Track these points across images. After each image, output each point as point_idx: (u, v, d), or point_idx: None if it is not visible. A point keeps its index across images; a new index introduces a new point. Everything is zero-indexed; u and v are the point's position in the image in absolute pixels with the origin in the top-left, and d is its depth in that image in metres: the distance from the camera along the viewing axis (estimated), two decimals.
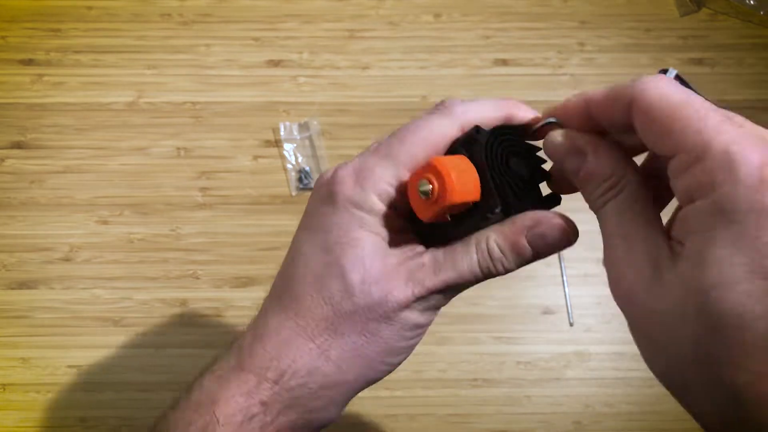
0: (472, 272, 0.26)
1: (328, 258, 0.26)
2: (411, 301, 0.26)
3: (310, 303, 0.27)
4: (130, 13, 0.69)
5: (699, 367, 0.19)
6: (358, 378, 0.27)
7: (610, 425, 0.56)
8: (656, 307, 0.20)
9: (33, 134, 0.64)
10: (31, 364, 0.57)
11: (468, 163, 0.24)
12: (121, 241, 0.61)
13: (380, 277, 0.26)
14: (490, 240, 0.25)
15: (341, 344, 0.26)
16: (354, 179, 0.26)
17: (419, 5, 0.70)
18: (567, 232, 0.25)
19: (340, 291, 0.26)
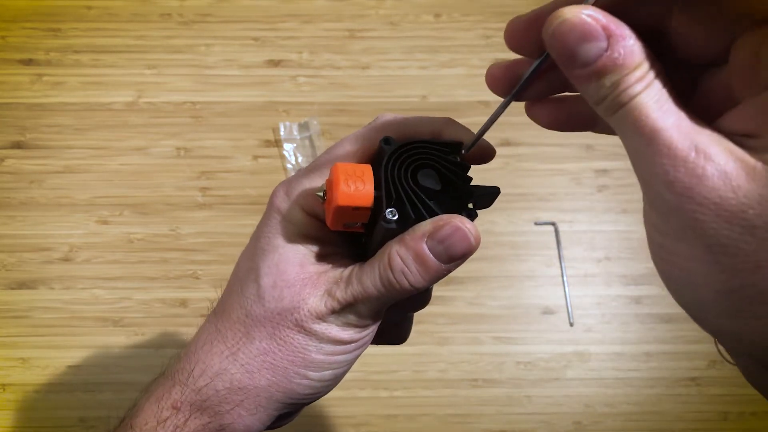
0: (374, 286, 0.25)
1: (250, 264, 0.27)
2: (324, 313, 0.26)
3: (229, 307, 0.27)
4: (130, 13, 0.69)
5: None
6: (271, 386, 0.26)
7: (610, 425, 0.56)
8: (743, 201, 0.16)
9: (33, 134, 0.64)
10: (31, 364, 0.57)
11: (368, 171, 0.24)
12: (120, 241, 0.61)
13: (294, 283, 0.26)
14: (392, 251, 0.24)
15: (251, 348, 0.26)
16: (284, 190, 0.27)
17: (419, 5, 0.70)
18: (466, 234, 0.23)
19: (253, 294, 0.26)
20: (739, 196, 0.16)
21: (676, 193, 0.17)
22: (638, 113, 0.18)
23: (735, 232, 0.17)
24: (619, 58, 0.18)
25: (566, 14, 0.18)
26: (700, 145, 0.17)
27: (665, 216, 0.18)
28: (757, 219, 0.16)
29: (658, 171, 0.17)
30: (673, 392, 0.57)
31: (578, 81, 0.19)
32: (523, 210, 0.62)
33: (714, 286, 0.17)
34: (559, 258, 0.61)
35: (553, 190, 0.63)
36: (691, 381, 0.57)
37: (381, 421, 0.56)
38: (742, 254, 0.17)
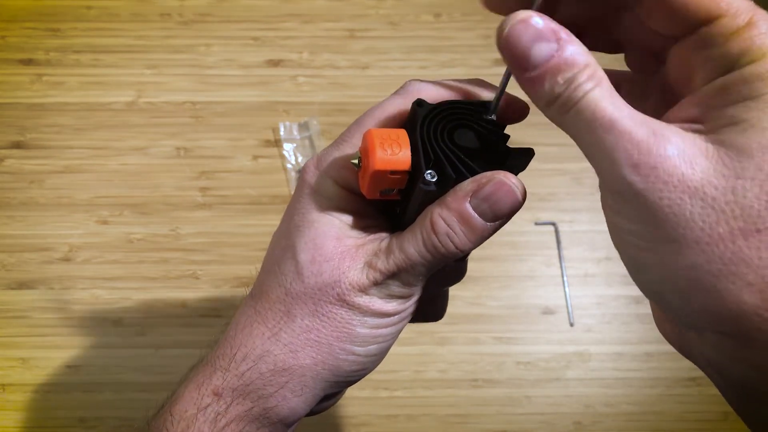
0: (419, 252, 0.24)
1: (286, 242, 0.26)
2: (367, 286, 0.25)
3: (267, 288, 0.26)
4: (130, 13, 0.69)
5: None
6: (317, 364, 0.25)
7: (610, 425, 0.56)
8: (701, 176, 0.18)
9: (32, 134, 0.64)
10: (30, 364, 0.57)
11: (403, 135, 0.23)
12: (120, 241, 0.61)
13: (332, 256, 0.25)
14: (434, 214, 0.24)
15: (293, 327, 0.25)
16: (315, 164, 0.26)
17: (419, 5, 0.70)
18: (512, 189, 0.23)
19: (291, 272, 0.25)
20: (697, 172, 0.18)
21: (642, 174, 0.18)
22: (594, 106, 0.19)
23: (697, 206, 0.18)
24: (570, 57, 0.19)
25: (519, 16, 0.20)
26: (658, 129, 0.18)
27: (631, 201, 0.19)
28: (715, 192, 0.18)
29: (621, 156, 0.18)
30: (674, 392, 0.57)
31: (531, 82, 0.20)
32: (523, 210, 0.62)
33: (674, 265, 0.18)
34: (560, 258, 0.61)
35: (553, 190, 0.63)
36: (691, 381, 0.57)
37: (381, 421, 0.56)
38: (704, 227, 0.18)
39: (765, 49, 0.18)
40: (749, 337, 0.18)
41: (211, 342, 0.28)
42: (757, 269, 0.17)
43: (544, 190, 0.63)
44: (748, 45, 0.18)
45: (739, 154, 0.18)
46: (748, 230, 0.17)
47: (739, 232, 0.17)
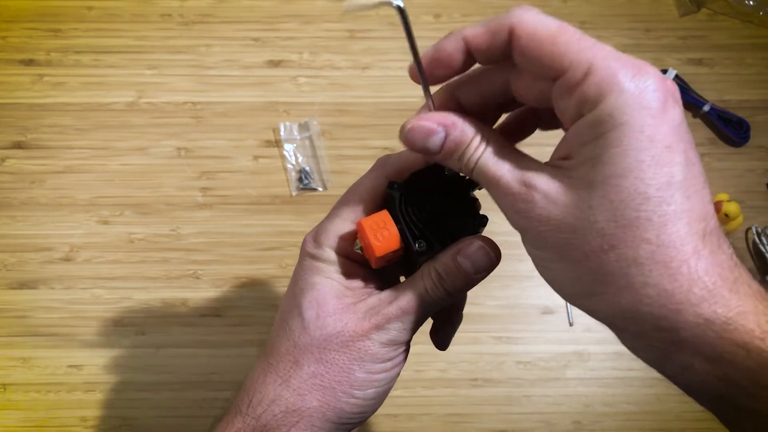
0: (417, 297, 0.29)
1: (292, 302, 0.30)
2: (368, 330, 0.29)
3: (277, 343, 0.30)
4: (131, 14, 0.69)
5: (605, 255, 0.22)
6: (322, 406, 0.29)
7: (609, 425, 0.56)
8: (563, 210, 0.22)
9: (33, 134, 0.64)
10: (31, 364, 0.57)
11: (387, 218, 0.28)
12: (121, 241, 0.61)
13: (334, 312, 0.29)
14: (429, 266, 0.29)
15: (300, 373, 0.29)
16: (313, 237, 0.31)
17: (419, 5, 0.71)
18: (486, 250, 0.28)
19: (298, 327, 0.29)
20: (560, 208, 0.22)
21: (522, 218, 0.23)
22: (483, 171, 0.25)
23: (564, 234, 0.22)
24: (457, 138, 0.25)
25: (411, 123, 0.25)
26: (527, 180, 0.23)
27: (525, 236, 0.24)
28: (576, 222, 0.22)
29: (507, 206, 0.24)
30: (673, 392, 0.57)
31: (441, 161, 0.26)
32: None
33: (568, 277, 0.24)
34: None
35: None
36: None
37: (381, 421, 0.56)
38: (575, 249, 0.22)
39: (597, 97, 0.21)
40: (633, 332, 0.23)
41: (232, 395, 0.31)
42: (621, 277, 0.22)
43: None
44: (585, 96, 0.21)
45: (589, 187, 0.22)
46: (605, 248, 0.22)
47: (600, 251, 0.22)
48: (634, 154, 0.21)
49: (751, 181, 0.64)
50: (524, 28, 0.22)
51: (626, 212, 0.21)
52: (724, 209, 0.60)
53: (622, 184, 0.21)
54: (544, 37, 0.22)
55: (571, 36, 0.22)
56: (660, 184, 0.21)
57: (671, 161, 0.21)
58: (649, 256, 0.21)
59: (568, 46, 0.22)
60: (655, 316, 0.21)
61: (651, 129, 0.21)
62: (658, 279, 0.21)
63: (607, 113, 0.21)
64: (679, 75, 0.66)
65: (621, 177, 0.21)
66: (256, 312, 0.59)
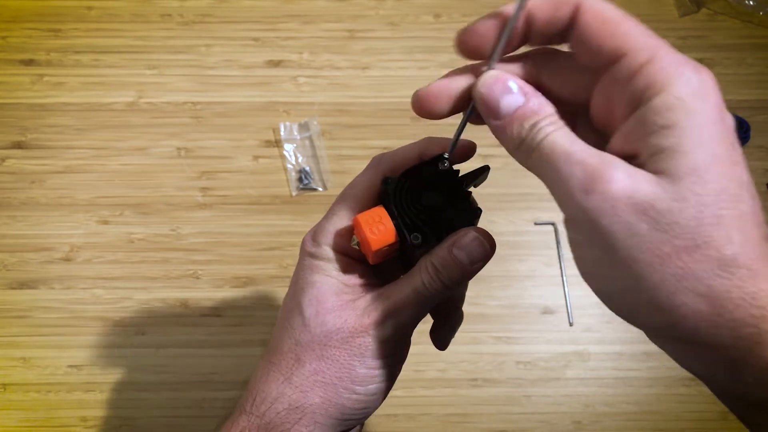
0: (414, 291, 0.29)
1: (292, 301, 0.31)
2: (368, 326, 0.29)
3: (279, 342, 0.30)
4: (131, 14, 0.69)
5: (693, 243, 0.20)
6: (324, 402, 0.29)
7: (609, 425, 0.56)
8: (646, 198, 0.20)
9: (33, 134, 0.64)
10: (31, 364, 0.57)
11: (383, 213, 0.29)
12: (121, 241, 0.61)
13: (334, 309, 0.29)
14: (426, 260, 0.29)
15: (302, 371, 0.29)
16: (311, 237, 0.31)
17: (419, 5, 0.71)
18: (481, 241, 0.28)
19: (299, 325, 0.30)
20: (641, 194, 0.20)
21: (594, 198, 0.20)
22: (553, 143, 0.22)
23: (644, 227, 0.20)
24: (535, 106, 0.23)
25: (492, 74, 0.24)
26: (607, 158, 0.21)
27: (587, 227, 0.21)
28: (658, 214, 0.20)
29: (576, 184, 0.21)
30: (673, 392, 0.57)
31: (501, 129, 0.24)
32: (523, 210, 0.62)
33: (632, 283, 0.21)
34: (559, 258, 0.61)
35: None
36: (690, 381, 0.57)
37: (381, 421, 0.56)
38: (654, 249, 0.20)
39: (665, 82, 0.20)
40: (706, 343, 0.20)
41: (237, 395, 0.32)
42: (703, 280, 0.20)
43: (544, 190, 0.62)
44: (651, 80, 0.20)
45: (672, 179, 0.20)
46: (689, 247, 0.20)
47: (683, 250, 0.20)
48: (712, 146, 0.20)
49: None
50: (592, 4, 0.22)
51: (712, 209, 0.20)
52: None
53: (707, 178, 0.20)
54: (610, 17, 0.22)
55: (635, 23, 0.22)
56: (736, 183, 0.20)
57: (738, 160, 0.20)
58: (733, 258, 0.20)
59: (635, 29, 0.22)
60: (737, 322, 0.20)
61: (720, 125, 0.20)
62: (741, 282, 0.20)
63: (678, 97, 0.20)
64: None
65: (705, 170, 0.20)
66: (256, 312, 0.59)
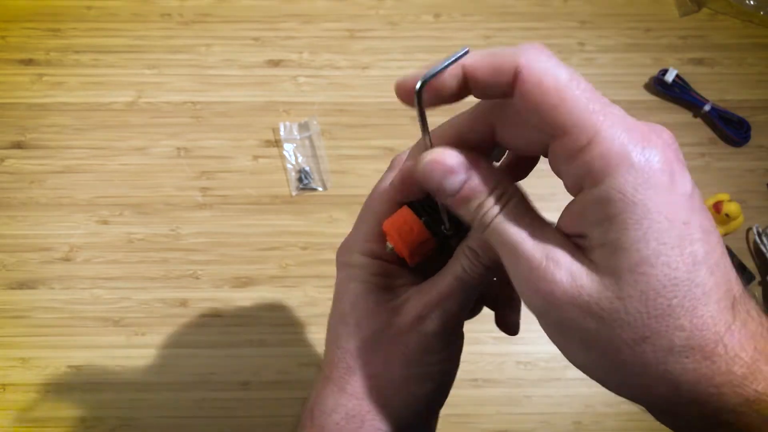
0: (457, 278, 0.28)
1: (336, 313, 0.30)
2: (412, 323, 0.28)
3: (329, 354, 0.30)
4: (130, 13, 0.69)
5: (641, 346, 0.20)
6: (383, 406, 0.28)
7: (610, 425, 0.56)
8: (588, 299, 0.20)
9: (33, 134, 0.64)
10: (31, 364, 0.57)
11: (409, 213, 0.28)
12: (121, 241, 0.61)
13: (376, 311, 0.28)
14: (464, 247, 0.28)
15: (355, 378, 0.29)
16: (344, 248, 0.31)
17: (419, 5, 0.70)
18: None
19: (344, 334, 0.29)
20: (583, 294, 0.20)
21: (541, 298, 0.21)
22: (500, 231, 0.22)
23: (592, 324, 0.20)
24: (477, 185, 0.22)
25: (429, 157, 0.23)
26: (551, 254, 0.21)
27: (544, 320, 0.22)
28: (603, 312, 0.20)
29: (523, 279, 0.21)
30: None
31: (452, 207, 0.23)
32: None
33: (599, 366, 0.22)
34: None
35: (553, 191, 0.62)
36: None
37: None
38: (604, 341, 0.20)
39: (604, 171, 0.19)
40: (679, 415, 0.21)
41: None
42: (658, 366, 0.20)
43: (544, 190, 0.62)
44: (589, 168, 0.20)
45: (613, 276, 0.20)
46: (637, 340, 0.20)
47: (633, 343, 0.20)
48: (656, 237, 0.19)
49: (751, 181, 0.64)
50: (531, 73, 0.20)
51: (658, 301, 0.20)
52: (724, 209, 0.60)
53: (650, 272, 0.19)
54: (551, 89, 0.20)
55: (580, 93, 0.20)
56: (687, 266, 0.20)
57: (691, 238, 0.20)
58: (685, 344, 0.20)
59: (575, 105, 0.20)
60: (696, 402, 0.20)
61: (667, 207, 0.19)
62: (696, 365, 0.20)
63: (618, 191, 0.19)
64: (680, 75, 0.66)
65: (648, 265, 0.19)
66: (256, 312, 0.59)
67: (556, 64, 0.20)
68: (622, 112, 0.20)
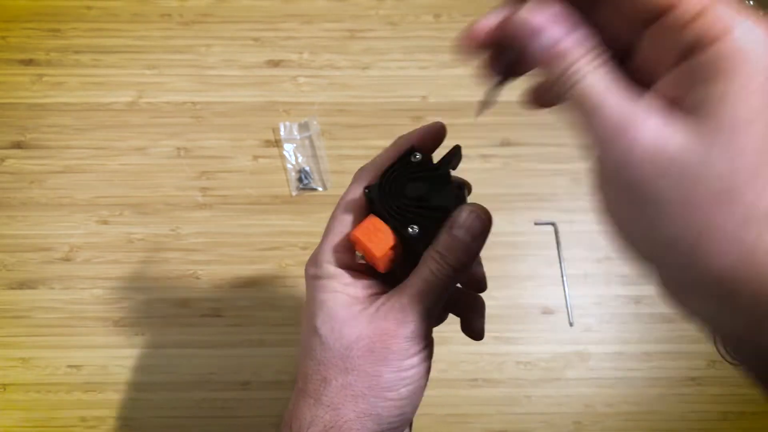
0: (425, 282, 0.29)
1: (307, 326, 0.31)
2: (385, 329, 0.29)
3: (303, 367, 0.30)
4: (130, 14, 0.69)
5: None
6: (359, 416, 0.28)
7: (610, 425, 0.56)
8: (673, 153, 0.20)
9: (33, 134, 0.64)
10: (31, 364, 0.57)
11: (376, 220, 0.30)
12: (121, 241, 0.61)
13: (348, 320, 0.29)
14: (430, 249, 0.29)
15: (330, 388, 0.29)
16: (312, 261, 0.31)
17: (419, 5, 0.70)
18: (477, 214, 0.29)
19: (318, 345, 0.30)
20: (672, 145, 0.20)
21: (623, 148, 0.20)
22: (588, 88, 0.21)
23: (673, 176, 0.20)
24: (574, 43, 0.22)
25: (532, 3, 0.22)
26: (640, 106, 0.20)
27: (614, 175, 0.21)
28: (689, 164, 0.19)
29: (605, 134, 0.21)
30: (673, 392, 0.57)
31: (540, 63, 0.23)
32: (523, 210, 0.62)
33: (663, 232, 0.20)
34: (559, 258, 0.61)
35: (553, 190, 0.63)
36: (691, 381, 0.57)
37: None
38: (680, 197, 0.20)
39: (713, 34, 0.19)
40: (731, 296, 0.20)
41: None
42: (734, 232, 0.19)
43: (544, 190, 0.63)
44: (700, 33, 0.20)
45: (711, 129, 0.19)
46: (721, 199, 0.19)
47: (714, 201, 0.19)
48: (762, 97, 0.19)
49: None
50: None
51: (751, 158, 0.19)
52: None
53: (749, 130, 0.19)
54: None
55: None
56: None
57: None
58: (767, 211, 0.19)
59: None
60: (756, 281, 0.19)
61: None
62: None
63: (736, 47, 0.19)
64: None
65: (748, 122, 0.19)
66: (256, 312, 0.59)
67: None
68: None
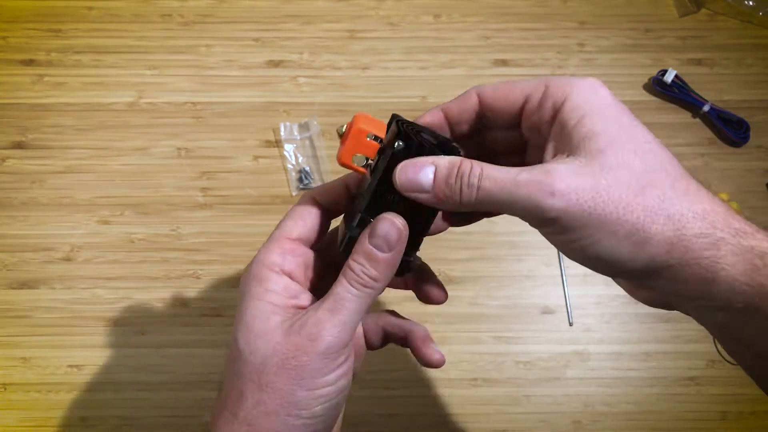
0: (346, 291, 0.29)
1: (234, 335, 0.30)
2: (300, 345, 0.28)
3: (226, 382, 0.30)
4: (131, 14, 0.69)
5: None
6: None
7: (609, 425, 0.56)
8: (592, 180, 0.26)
9: (34, 134, 0.64)
10: (31, 363, 0.57)
11: (380, 122, 0.31)
12: (121, 241, 0.61)
13: (263, 333, 0.28)
14: (348, 261, 0.29)
15: (246, 404, 0.28)
16: (249, 266, 0.31)
17: (419, 5, 0.71)
18: (393, 221, 0.29)
19: (237, 359, 0.29)
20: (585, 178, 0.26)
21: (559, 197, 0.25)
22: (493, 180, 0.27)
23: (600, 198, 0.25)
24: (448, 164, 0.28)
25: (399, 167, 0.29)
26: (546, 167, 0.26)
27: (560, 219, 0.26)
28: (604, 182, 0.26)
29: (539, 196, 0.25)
30: (672, 392, 0.57)
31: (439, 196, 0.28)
32: None
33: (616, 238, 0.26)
34: (559, 258, 0.61)
35: None
36: (690, 380, 0.57)
37: (381, 421, 0.56)
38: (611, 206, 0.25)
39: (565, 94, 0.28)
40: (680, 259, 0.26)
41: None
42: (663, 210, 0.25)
43: None
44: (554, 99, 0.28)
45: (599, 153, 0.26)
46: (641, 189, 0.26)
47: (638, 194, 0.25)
48: (615, 119, 0.27)
49: (751, 181, 0.64)
50: (484, 90, 0.31)
51: (636, 161, 0.26)
52: None
53: (622, 143, 0.26)
54: (502, 87, 0.30)
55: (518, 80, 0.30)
56: (641, 138, 0.27)
57: (636, 124, 0.28)
58: (671, 186, 0.26)
59: (520, 83, 0.30)
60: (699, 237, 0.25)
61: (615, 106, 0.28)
62: (689, 204, 0.25)
63: (583, 99, 0.28)
64: (679, 75, 0.66)
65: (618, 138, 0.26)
66: None
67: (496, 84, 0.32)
68: None
